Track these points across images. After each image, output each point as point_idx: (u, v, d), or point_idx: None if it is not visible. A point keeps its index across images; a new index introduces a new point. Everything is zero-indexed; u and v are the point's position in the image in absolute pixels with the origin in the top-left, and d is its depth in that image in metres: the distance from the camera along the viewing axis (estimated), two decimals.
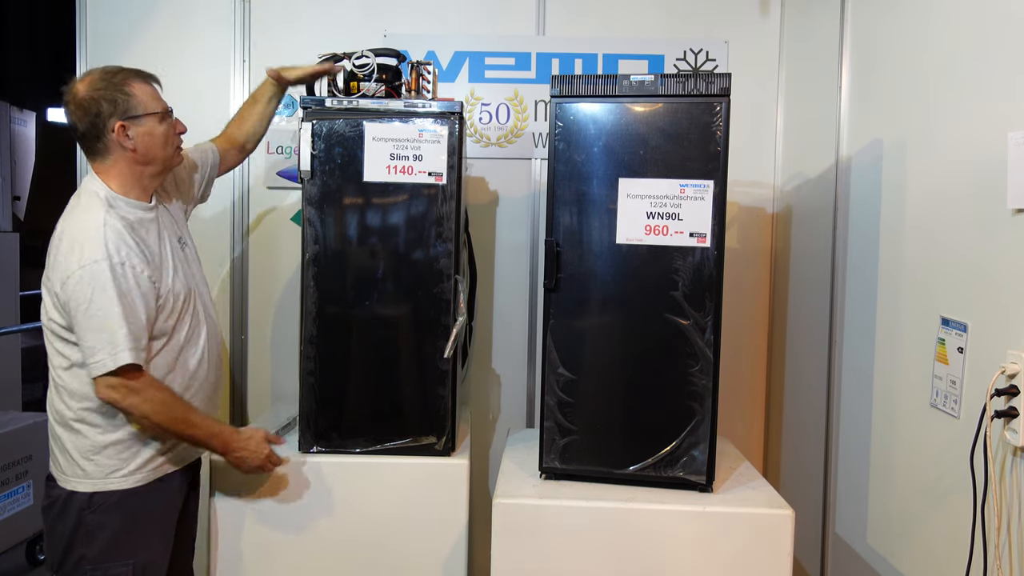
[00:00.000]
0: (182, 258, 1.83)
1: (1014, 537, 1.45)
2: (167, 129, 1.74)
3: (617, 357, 1.89)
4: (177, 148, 1.79)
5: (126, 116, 1.68)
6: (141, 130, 1.69)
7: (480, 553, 2.27)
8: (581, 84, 1.86)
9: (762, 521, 1.78)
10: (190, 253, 1.89)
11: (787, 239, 2.61)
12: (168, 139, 1.75)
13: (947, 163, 1.71)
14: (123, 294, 1.62)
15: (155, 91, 1.74)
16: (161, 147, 1.73)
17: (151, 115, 1.71)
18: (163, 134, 1.73)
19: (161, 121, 1.73)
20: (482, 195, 2.69)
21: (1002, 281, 1.50)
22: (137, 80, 1.71)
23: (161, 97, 1.75)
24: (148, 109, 1.70)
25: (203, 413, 1.78)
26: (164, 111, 1.74)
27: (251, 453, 1.84)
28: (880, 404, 1.98)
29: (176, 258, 1.80)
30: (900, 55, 1.92)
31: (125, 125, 1.68)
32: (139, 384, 1.64)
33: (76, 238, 1.63)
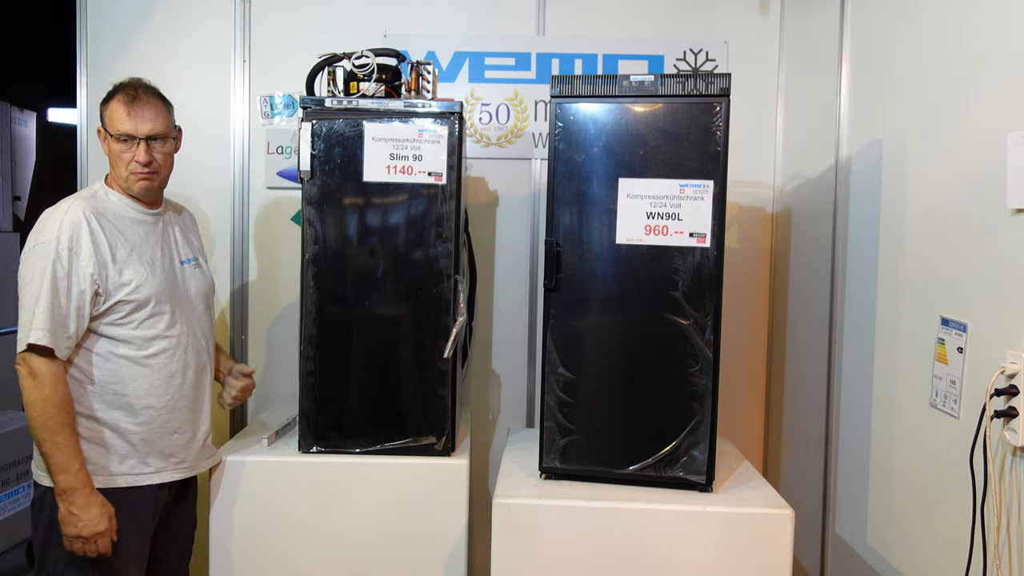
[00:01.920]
0: (174, 271, 1.88)
1: (1013, 537, 1.45)
2: (120, 152, 1.79)
3: (617, 357, 1.89)
4: (135, 174, 1.80)
5: (103, 125, 1.82)
6: (106, 143, 1.82)
7: (480, 553, 2.27)
8: (581, 84, 1.86)
9: (762, 521, 1.78)
10: (192, 272, 1.94)
11: (787, 239, 2.61)
12: (119, 160, 1.80)
13: (947, 163, 1.71)
14: (57, 279, 1.67)
15: (128, 114, 1.78)
16: (116, 165, 1.81)
17: (108, 133, 1.80)
18: (116, 154, 1.80)
19: (117, 142, 1.79)
20: (482, 195, 2.69)
21: (1002, 281, 1.50)
22: (118, 98, 1.80)
23: (131, 121, 1.78)
24: (106, 126, 1.81)
25: (76, 447, 1.69)
26: (117, 135, 1.79)
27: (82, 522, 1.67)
28: (880, 404, 1.98)
29: (162, 266, 1.84)
30: (900, 55, 1.92)
31: (100, 131, 1.83)
32: (40, 370, 1.66)
33: (42, 219, 1.75)
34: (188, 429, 1.88)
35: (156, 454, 1.82)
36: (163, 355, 1.81)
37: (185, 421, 1.87)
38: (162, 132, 1.83)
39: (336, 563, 2.01)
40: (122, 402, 1.78)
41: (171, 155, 1.90)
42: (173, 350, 1.83)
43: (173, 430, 1.84)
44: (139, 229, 1.83)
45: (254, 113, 2.62)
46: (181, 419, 1.86)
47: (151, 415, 1.81)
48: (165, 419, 1.83)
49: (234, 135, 2.64)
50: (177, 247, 1.92)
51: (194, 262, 1.97)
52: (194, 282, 1.94)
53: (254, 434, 2.19)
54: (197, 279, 1.95)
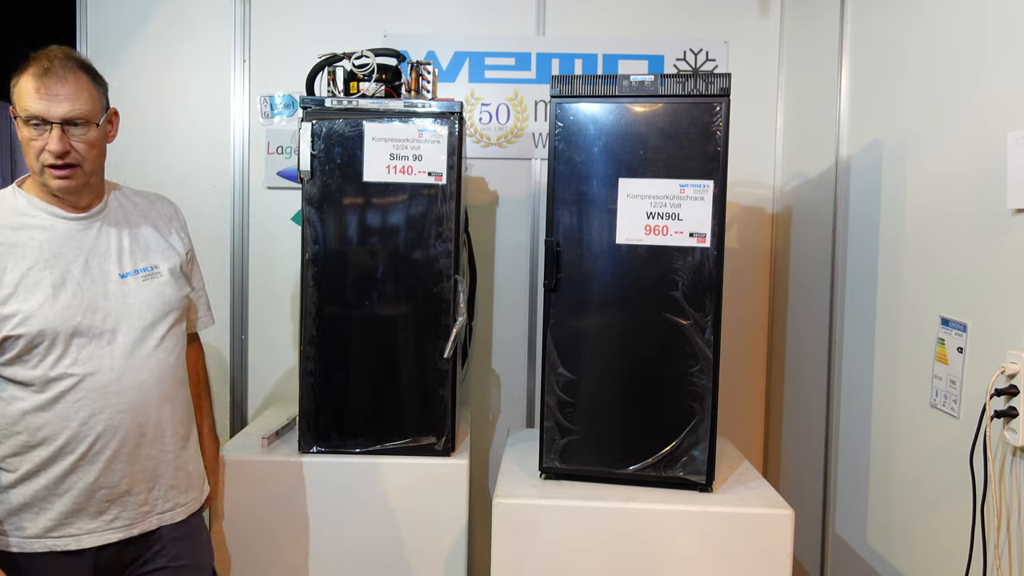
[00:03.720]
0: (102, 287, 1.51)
1: (1013, 537, 1.45)
2: (29, 139, 1.43)
3: (617, 357, 1.89)
4: (49, 168, 1.44)
5: (13, 106, 1.44)
6: (20, 128, 1.44)
7: (480, 553, 2.27)
8: (581, 84, 1.86)
9: (762, 521, 1.78)
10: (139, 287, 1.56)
11: (787, 239, 2.61)
12: (28, 150, 1.44)
13: (947, 163, 1.71)
14: None
15: (38, 90, 1.41)
16: (27, 154, 1.45)
17: (16, 116, 1.44)
18: (25, 140, 1.43)
19: (26, 126, 1.42)
20: (482, 195, 2.69)
21: (1002, 281, 1.50)
22: (29, 71, 1.42)
23: (42, 100, 1.41)
24: (17, 105, 1.43)
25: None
26: (25, 116, 1.41)
27: None
28: (880, 404, 1.98)
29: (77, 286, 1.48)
30: (900, 55, 1.92)
31: (13, 117, 1.45)
32: None
33: None
34: (122, 484, 1.53)
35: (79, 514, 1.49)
36: (68, 396, 1.45)
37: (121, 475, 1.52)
38: (83, 115, 1.44)
39: (336, 563, 2.01)
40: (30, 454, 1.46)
41: (98, 145, 1.50)
42: (84, 391, 1.46)
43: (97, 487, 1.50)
44: (50, 239, 1.47)
45: (254, 113, 2.62)
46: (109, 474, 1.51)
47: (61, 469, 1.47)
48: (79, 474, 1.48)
49: (234, 135, 2.64)
50: (120, 255, 1.55)
51: (147, 272, 1.58)
52: (141, 298, 1.55)
53: (254, 434, 2.19)
54: (147, 294, 1.56)
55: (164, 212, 1.71)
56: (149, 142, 2.60)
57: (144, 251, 1.60)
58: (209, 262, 2.64)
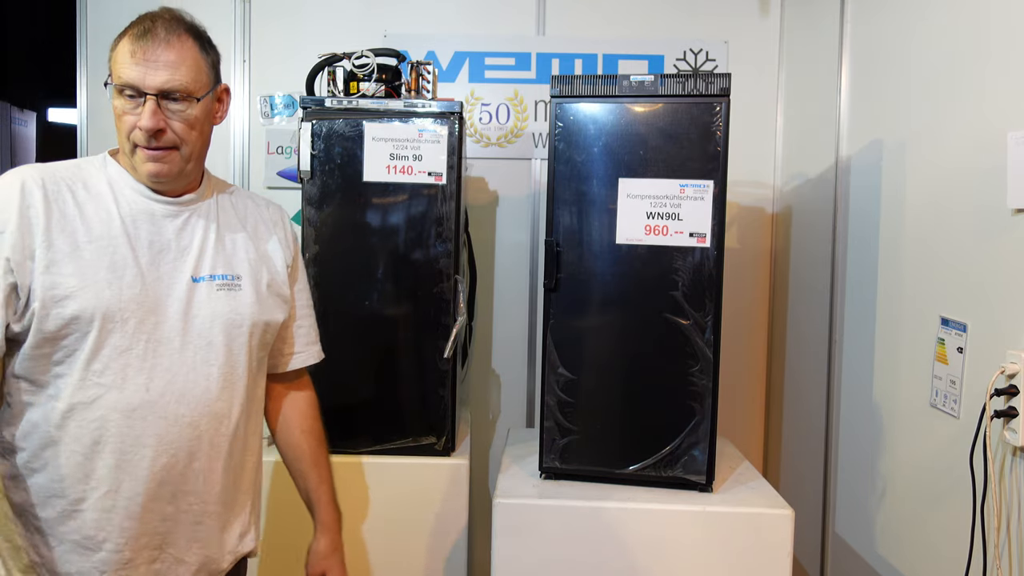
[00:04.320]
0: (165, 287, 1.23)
1: (1014, 537, 1.45)
2: (122, 112, 1.21)
3: (617, 357, 1.89)
4: (141, 149, 1.21)
5: (109, 73, 1.24)
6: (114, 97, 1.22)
7: (480, 553, 2.27)
8: (581, 84, 1.86)
9: (762, 521, 1.78)
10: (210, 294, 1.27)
11: (787, 239, 2.61)
12: (120, 125, 1.22)
13: (947, 163, 1.71)
14: None
15: (135, 55, 1.20)
16: (118, 129, 1.22)
17: (110, 84, 1.22)
18: (118, 112, 1.21)
19: (120, 96, 1.20)
20: (482, 195, 2.69)
21: (1002, 281, 1.50)
22: (128, 33, 1.23)
23: (138, 67, 1.19)
24: (114, 72, 1.22)
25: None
26: (118, 83, 1.20)
27: None
28: (880, 404, 1.98)
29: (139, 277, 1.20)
30: (900, 55, 1.92)
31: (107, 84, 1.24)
32: None
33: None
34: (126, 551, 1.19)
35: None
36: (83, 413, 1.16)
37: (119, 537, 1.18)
38: (183, 87, 1.20)
39: None
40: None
41: (199, 125, 1.25)
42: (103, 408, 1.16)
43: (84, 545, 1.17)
44: (123, 216, 1.21)
45: (254, 113, 2.62)
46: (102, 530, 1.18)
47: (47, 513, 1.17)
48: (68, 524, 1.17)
49: (234, 135, 2.64)
50: (200, 255, 1.27)
51: (225, 280, 1.28)
52: (208, 310, 1.25)
53: None
54: (217, 307, 1.26)
55: (268, 218, 1.42)
56: None
57: (228, 257, 1.30)
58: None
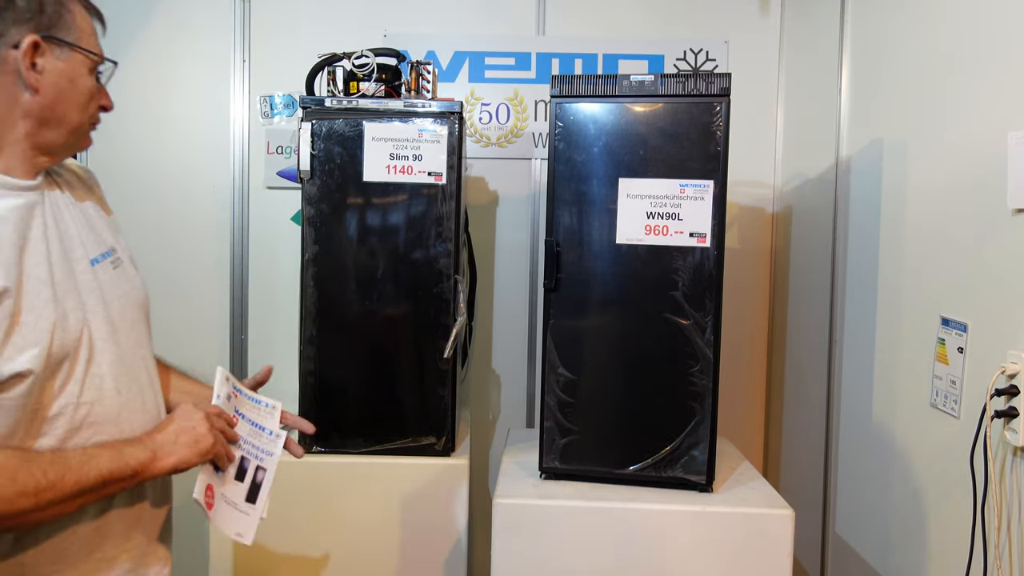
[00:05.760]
0: (88, 284, 1.12)
1: (1014, 537, 1.45)
2: (93, 89, 1.13)
3: (617, 357, 1.89)
4: (92, 125, 1.16)
5: (48, 32, 1.05)
6: (60, 66, 1.07)
7: (480, 553, 2.27)
8: (581, 84, 1.86)
9: (762, 521, 1.78)
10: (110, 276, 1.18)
11: (787, 239, 2.61)
12: (90, 101, 1.13)
13: (947, 163, 1.71)
14: None
15: (96, 31, 1.15)
16: (77, 107, 1.11)
17: (83, 53, 1.10)
18: (87, 90, 1.12)
19: (91, 72, 1.13)
20: (482, 195, 2.69)
21: (1002, 281, 1.50)
22: (79, 4, 1.12)
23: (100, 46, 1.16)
24: (81, 42, 1.10)
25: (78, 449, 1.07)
26: (101, 59, 1.14)
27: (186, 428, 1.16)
28: (880, 404, 1.98)
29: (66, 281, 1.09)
30: (900, 55, 1.92)
31: (39, 45, 1.04)
32: None
33: None
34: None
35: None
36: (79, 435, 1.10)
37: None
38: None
39: (336, 563, 2.01)
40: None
41: None
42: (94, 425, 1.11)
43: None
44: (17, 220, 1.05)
45: (254, 113, 2.62)
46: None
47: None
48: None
49: (234, 135, 2.63)
50: (80, 236, 1.15)
51: (109, 257, 1.19)
52: (117, 293, 1.17)
53: None
54: (120, 287, 1.19)
55: (89, 180, 1.29)
56: (149, 141, 2.60)
57: (98, 231, 1.20)
58: (209, 262, 2.65)
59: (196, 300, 2.65)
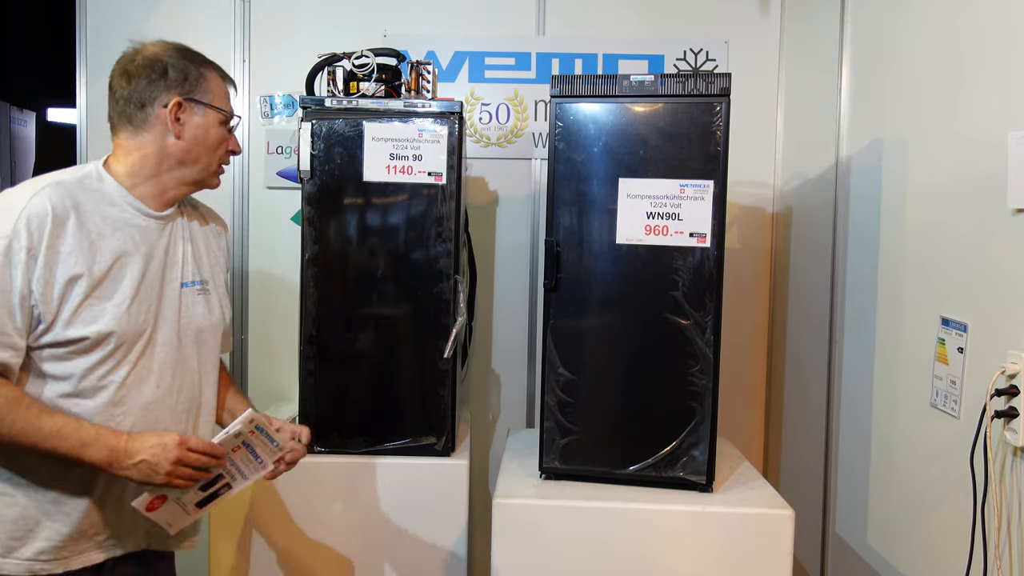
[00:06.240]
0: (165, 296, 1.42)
1: (1014, 537, 1.45)
2: (223, 136, 1.48)
3: (617, 357, 1.89)
4: (220, 167, 1.51)
5: (190, 95, 1.42)
6: (197, 119, 1.43)
7: (480, 553, 2.27)
8: (581, 84, 1.86)
9: (762, 521, 1.78)
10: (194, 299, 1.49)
11: (787, 239, 2.61)
12: (219, 146, 1.48)
13: (947, 163, 1.71)
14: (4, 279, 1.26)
15: (227, 92, 1.51)
16: (208, 151, 1.45)
17: (215, 110, 1.45)
18: (217, 137, 1.46)
19: (222, 124, 1.47)
20: (482, 195, 2.69)
21: (1002, 281, 1.50)
22: (215, 71, 1.48)
23: (232, 104, 1.52)
24: (216, 102, 1.45)
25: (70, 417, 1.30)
26: (231, 115, 1.49)
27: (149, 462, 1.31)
28: (880, 404, 1.98)
29: (147, 290, 1.39)
30: (900, 55, 1.92)
31: (183, 104, 1.41)
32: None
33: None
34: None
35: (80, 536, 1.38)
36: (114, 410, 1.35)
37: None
38: None
39: (336, 563, 2.01)
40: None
41: None
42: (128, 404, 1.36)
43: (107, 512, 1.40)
44: (134, 236, 1.39)
45: (254, 113, 2.62)
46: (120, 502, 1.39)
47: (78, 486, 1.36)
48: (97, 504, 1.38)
49: None
50: (184, 263, 1.48)
51: (200, 286, 1.51)
52: (196, 312, 1.48)
53: None
54: (200, 309, 1.49)
55: (216, 227, 1.63)
56: None
57: (199, 263, 1.52)
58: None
59: None
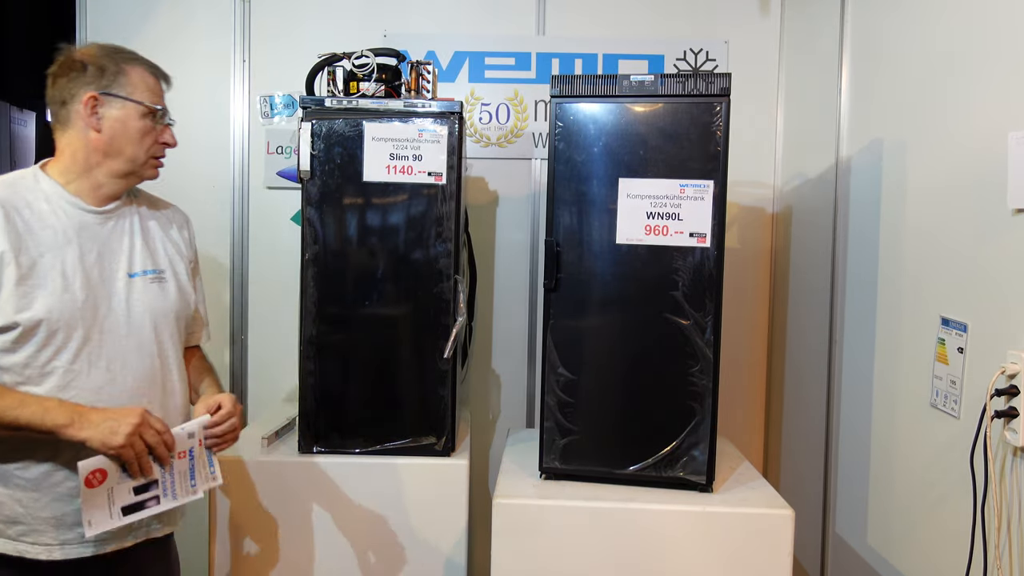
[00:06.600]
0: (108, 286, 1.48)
1: (1014, 537, 1.45)
2: (147, 127, 1.51)
3: (617, 357, 1.89)
4: (154, 158, 1.55)
5: (104, 90, 1.46)
6: (115, 113, 1.47)
7: (480, 553, 2.27)
8: (581, 84, 1.86)
9: (762, 521, 1.78)
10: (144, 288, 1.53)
11: (787, 239, 2.61)
12: (144, 137, 1.50)
13: (947, 163, 1.71)
14: None
15: (157, 87, 1.55)
16: (132, 142, 1.49)
17: (134, 103, 1.48)
18: (139, 129, 1.49)
19: (144, 116, 1.50)
20: (482, 195, 2.69)
21: (1002, 281, 1.50)
22: (140, 66, 1.52)
23: (162, 97, 1.56)
24: (133, 95, 1.48)
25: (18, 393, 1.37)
26: (153, 108, 1.51)
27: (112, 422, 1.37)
28: (880, 404, 1.98)
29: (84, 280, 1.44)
30: (900, 55, 1.92)
31: (98, 99, 1.45)
32: None
33: None
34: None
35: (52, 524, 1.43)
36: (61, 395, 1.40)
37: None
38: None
39: (336, 563, 2.01)
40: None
41: None
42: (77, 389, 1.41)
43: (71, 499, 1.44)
44: (66, 228, 1.45)
45: (254, 113, 2.62)
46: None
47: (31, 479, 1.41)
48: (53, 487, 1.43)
49: (234, 135, 2.64)
50: (131, 254, 1.53)
51: (154, 275, 1.55)
52: (143, 300, 1.52)
53: (254, 434, 2.19)
54: (150, 297, 1.53)
55: (175, 218, 1.70)
56: None
57: (153, 253, 1.58)
58: (209, 262, 2.65)
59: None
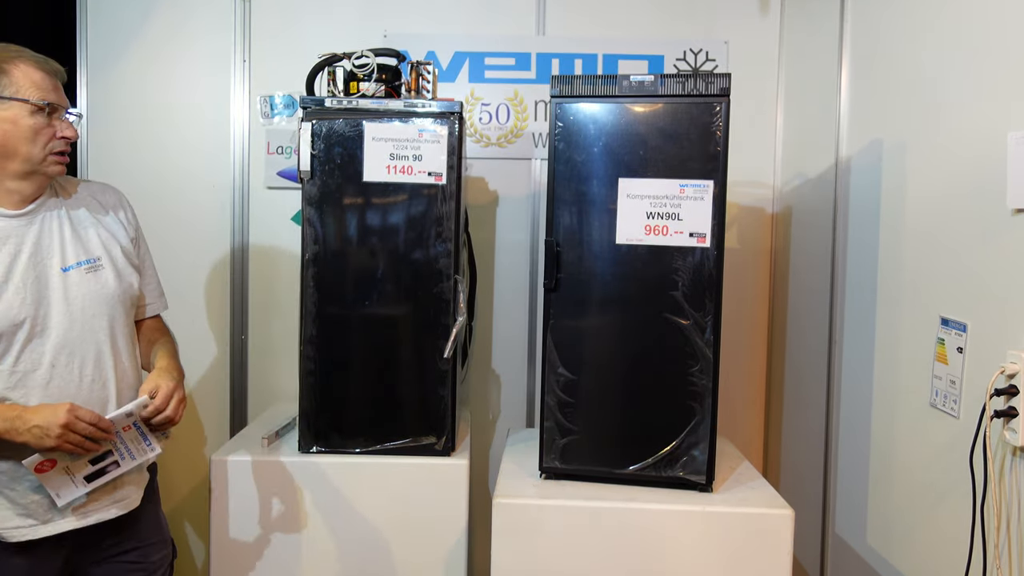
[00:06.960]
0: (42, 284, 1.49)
1: (1014, 537, 1.45)
2: (39, 124, 1.46)
3: (617, 357, 1.89)
4: (54, 153, 1.50)
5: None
6: (2, 114, 1.44)
7: (480, 553, 2.27)
8: (581, 84, 1.86)
9: (762, 521, 1.78)
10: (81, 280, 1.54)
11: (787, 239, 2.61)
12: (37, 135, 1.46)
13: (947, 163, 1.71)
14: None
15: (46, 81, 1.48)
16: (24, 141, 1.45)
17: (19, 101, 1.44)
18: (30, 127, 1.45)
19: (34, 113, 1.46)
20: (482, 195, 2.69)
21: (1002, 281, 1.50)
22: (24, 62, 1.46)
23: (53, 90, 1.49)
24: (19, 94, 1.45)
25: None
26: (41, 103, 1.46)
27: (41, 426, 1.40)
28: (880, 404, 1.98)
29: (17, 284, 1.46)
30: (900, 55, 1.92)
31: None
32: None
33: None
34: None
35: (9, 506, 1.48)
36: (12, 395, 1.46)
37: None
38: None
39: (336, 563, 2.01)
40: None
41: None
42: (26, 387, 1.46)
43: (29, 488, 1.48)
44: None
45: (254, 113, 2.62)
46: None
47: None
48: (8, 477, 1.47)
49: (234, 135, 2.64)
50: (62, 248, 1.53)
51: (89, 264, 1.55)
52: (81, 292, 1.53)
53: (254, 434, 2.19)
54: (88, 288, 1.54)
55: (107, 202, 1.66)
56: (149, 142, 2.60)
57: (85, 243, 1.56)
58: (209, 262, 2.65)
59: (196, 300, 2.66)
